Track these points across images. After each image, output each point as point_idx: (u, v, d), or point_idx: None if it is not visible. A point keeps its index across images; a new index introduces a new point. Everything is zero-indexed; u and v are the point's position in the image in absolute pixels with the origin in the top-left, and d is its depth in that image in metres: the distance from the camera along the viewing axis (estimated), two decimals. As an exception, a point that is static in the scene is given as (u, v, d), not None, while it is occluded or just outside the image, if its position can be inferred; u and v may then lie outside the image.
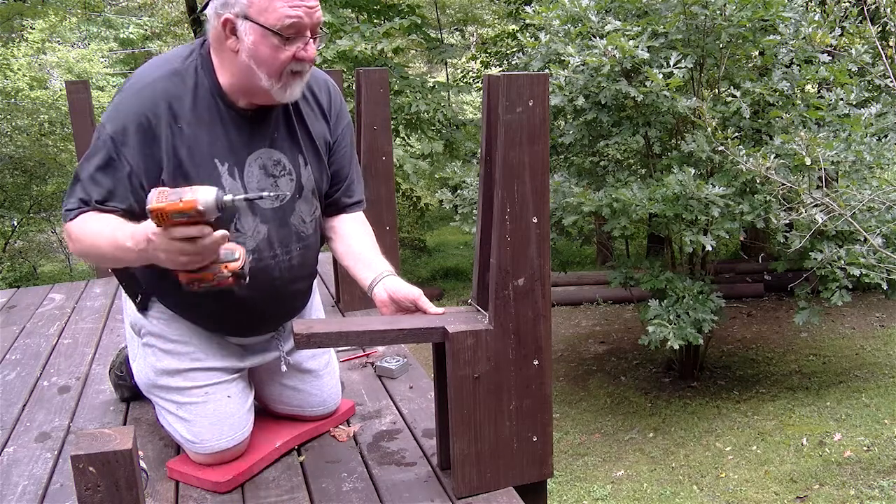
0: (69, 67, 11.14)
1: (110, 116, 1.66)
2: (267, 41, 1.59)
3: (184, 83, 1.67)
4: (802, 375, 5.74)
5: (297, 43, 1.62)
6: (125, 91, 1.68)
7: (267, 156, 1.76)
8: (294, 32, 1.60)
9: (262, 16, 1.57)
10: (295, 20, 1.58)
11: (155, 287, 1.83)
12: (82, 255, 1.72)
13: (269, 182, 1.76)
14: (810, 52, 4.69)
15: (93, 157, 1.65)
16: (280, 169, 1.78)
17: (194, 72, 1.69)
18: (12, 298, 3.66)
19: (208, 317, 1.84)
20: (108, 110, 1.67)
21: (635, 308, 6.45)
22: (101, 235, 1.63)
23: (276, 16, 1.57)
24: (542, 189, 1.67)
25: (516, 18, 9.61)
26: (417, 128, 9.09)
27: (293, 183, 1.80)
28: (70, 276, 11.32)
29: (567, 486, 4.51)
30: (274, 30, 1.58)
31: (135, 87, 1.68)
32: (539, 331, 1.73)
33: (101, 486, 1.05)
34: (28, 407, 2.35)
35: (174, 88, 1.66)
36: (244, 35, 1.60)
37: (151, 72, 1.69)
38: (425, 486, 1.80)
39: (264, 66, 1.62)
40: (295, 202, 1.82)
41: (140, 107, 1.63)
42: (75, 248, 1.69)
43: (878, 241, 4.15)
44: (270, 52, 1.60)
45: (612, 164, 5.63)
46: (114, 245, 1.60)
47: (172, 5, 15.22)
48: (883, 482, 3.98)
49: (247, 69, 1.64)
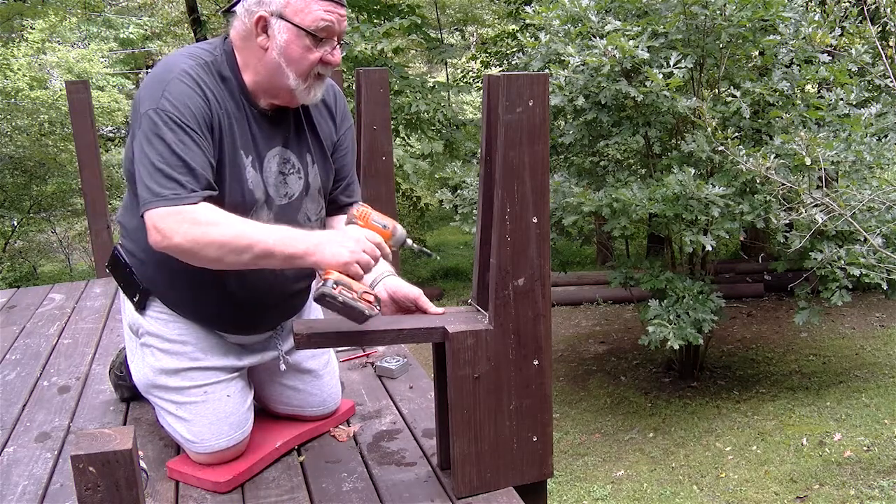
0: (69, 67, 11.15)
1: (165, 101, 1.61)
2: (300, 41, 1.66)
3: (214, 75, 1.70)
4: (802, 375, 5.74)
5: (326, 46, 1.69)
6: (164, 78, 1.64)
7: (281, 154, 1.80)
8: (326, 35, 1.67)
9: (298, 16, 1.64)
10: (329, 24, 1.66)
11: (156, 284, 1.83)
12: (203, 243, 1.56)
13: (280, 179, 1.80)
14: (810, 52, 4.69)
15: (166, 139, 1.59)
16: (290, 167, 1.82)
17: (222, 67, 1.71)
18: (12, 298, 3.67)
19: (208, 315, 1.85)
20: (152, 96, 1.62)
21: (635, 308, 6.45)
22: (243, 221, 1.61)
23: (312, 17, 1.64)
24: (542, 189, 1.67)
25: (516, 18, 9.61)
26: (417, 128, 9.09)
27: (301, 181, 1.84)
28: (70, 276, 11.32)
29: (567, 486, 4.51)
30: (309, 30, 1.65)
31: (173, 73, 1.64)
32: (539, 331, 1.73)
33: (101, 486, 1.05)
34: (28, 407, 2.35)
35: (209, 79, 1.68)
36: (277, 33, 1.66)
37: (185, 60, 1.68)
38: (425, 486, 1.80)
39: (293, 65, 1.67)
40: (302, 200, 1.85)
41: (191, 92, 1.64)
42: (200, 233, 1.55)
43: (878, 241, 4.15)
44: (301, 52, 1.67)
45: (612, 164, 5.63)
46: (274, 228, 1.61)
47: (172, 5, 15.22)
48: (883, 482, 3.98)
49: (275, 67, 1.68)
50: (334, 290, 1.58)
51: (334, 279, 1.59)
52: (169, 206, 1.56)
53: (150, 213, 1.57)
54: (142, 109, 1.62)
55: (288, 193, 1.82)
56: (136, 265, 1.86)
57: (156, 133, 1.59)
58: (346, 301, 1.58)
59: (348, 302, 1.59)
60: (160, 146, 1.59)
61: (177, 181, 1.57)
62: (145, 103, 1.62)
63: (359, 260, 1.62)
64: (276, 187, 1.79)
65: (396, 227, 1.75)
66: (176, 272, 1.75)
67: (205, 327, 1.87)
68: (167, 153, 1.59)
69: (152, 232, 1.57)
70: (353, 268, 1.61)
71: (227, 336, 1.90)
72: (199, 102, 1.64)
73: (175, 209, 1.56)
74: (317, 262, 1.61)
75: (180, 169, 1.58)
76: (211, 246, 1.56)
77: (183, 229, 1.55)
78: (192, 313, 1.85)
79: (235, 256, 1.58)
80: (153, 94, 1.62)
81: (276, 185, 1.79)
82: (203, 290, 1.79)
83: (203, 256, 1.57)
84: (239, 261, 1.59)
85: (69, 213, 11.38)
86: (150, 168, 1.58)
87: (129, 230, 1.86)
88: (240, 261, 1.59)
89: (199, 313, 1.85)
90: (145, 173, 1.59)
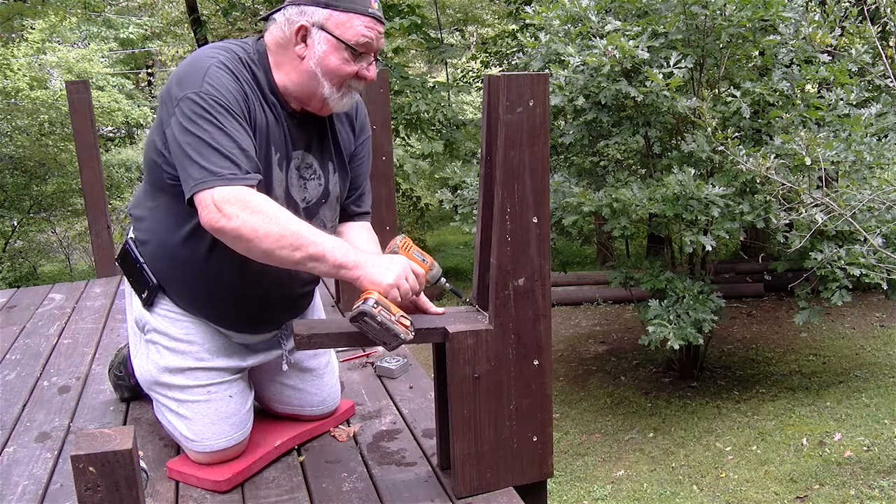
0: (69, 67, 11.15)
1: (208, 85, 1.59)
2: (339, 54, 1.68)
3: (248, 71, 1.70)
4: (802, 375, 5.74)
5: (363, 62, 1.72)
6: (203, 65, 1.62)
7: (302, 158, 1.81)
8: (364, 51, 1.70)
9: (339, 29, 1.67)
10: (368, 40, 1.69)
11: (168, 278, 1.83)
12: (261, 234, 1.54)
13: (301, 183, 1.81)
14: (810, 52, 4.69)
15: (215, 120, 1.57)
16: (311, 172, 1.83)
17: (255, 64, 1.72)
18: (12, 298, 3.67)
19: (217, 312, 1.85)
20: (193, 81, 1.60)
21: (635, 308, 6.45)
22: (298, 219, 1.60)
23: (354, 32, 1.67)
24: (542, 189, 1.67)
25: (516, 18, 9.61)
26: (417, 128, 9.09)
27: (321, 188, 1.85)
28: (70, 276, 11.32)
29: (567, 486, 4.51)
30: (349, 44, 1.68)
31: (210, 62, 1.63)
32: (539, 331, 1.73)
33: (101, 486, 1.05)
34: (28, 407, 2.35)
35: (245, 72, 1.69)
36: (316, 44, 1.68)
37: (220, 53, 1.68)
38: (425, 486, 1.80)
39: (329, 76, 1.69)
40: (320, 206, 1.86)
41: (231, 79, 1.64)
42: (260, 223, 1.53)
43: (878, 241, 4.15)
44: (339, 64, 1.69)
45: (612, 164, 5.64)
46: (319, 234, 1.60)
47: (172, 5, 15.21)
48: (883, 482, 3.98)
49: (311, 76, 1.70)
50: (374, 309, 1.55)
51: (375, 299, 1.57)
52: (229, 187, 1.54)
53: (208, 192, 1.54)
54: (179, 94, 1.60)
55: (306, 198, 1.82)
56: (148, 258, 1.85)
57: (202, 115, 1.57)
58: (384, 321, 1.56)
59: (386, 323, 1.56)
60: (209, 127, 1.57)
61: (232, 161, 1.56)
62: (184, 88, 1.60)
63: (400, 286, 1.62)
64: (297, 189, 1.80)
65: (434, 264, 1.77)
66: (191, 267, 1.76)
67: (211, 326, 1.87)
68: (218, 133, 1.57)
69: (209, 210, 1.54)
70: (394, 291, 1.61)
71: (232, 336, 1.90)
72: (240, 90, 1.64)
73: (237, 193, 1.54)
74: (360, 277, 1.61)
75: (234, 149, 1.57)
76: (268, 238, 1.54)
77: (244, 215, 1.53)
78: (202, 310, 1.85)
79: (288, 253, 1.56)
80: (193, 79, 1.61)
81: (297, 187, 1.80)
82: (216, 286, 1.79)
83: (255, 246, 1.55)
84: (289, 258, 1.57)
85: (69, 213, 11.39)
86: (201, 147, 1.56)
87: (143, 221, 1.85)
88: (290, 258, 1.57)
89: (209, 310, 1.85)
90: (195, 153, 1.56)
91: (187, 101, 1.58)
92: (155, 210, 1.80)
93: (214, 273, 1.76)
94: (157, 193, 1.78)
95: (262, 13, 9.51)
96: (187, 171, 1.57)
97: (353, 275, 1.61)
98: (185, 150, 1.57)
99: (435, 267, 1.77)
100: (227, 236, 1.56)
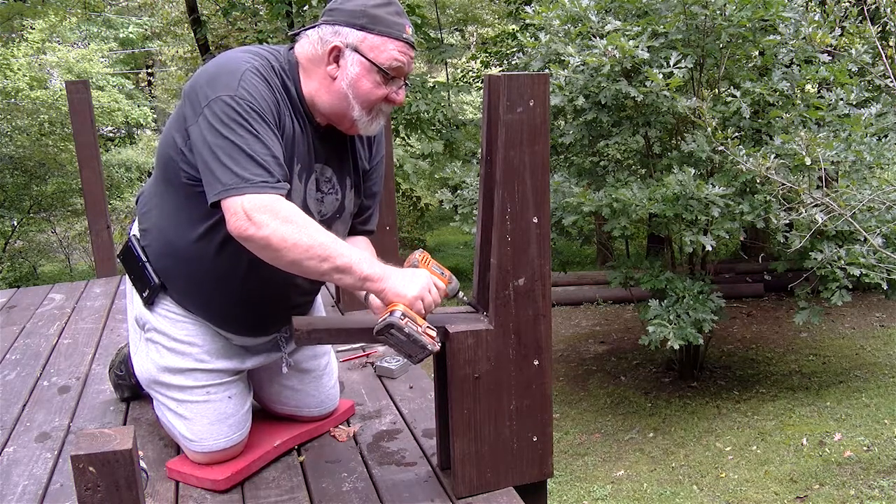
0: (69, 67, 11.16)
1: (242, 90, 1.58)
2: (371, 77, 1.68)
3: (279, 80, 1.69)
4: (802, 375, 5.74)
5: (394, 85, 1.72)
6: (237, 69, 1.61)
7: (321, 172, 1.81)
8: (396, 74, 1.70)
9: (373, 52, 1.67)
10: (401, 64, 1.69)
11: (172, 277, 1.82)
12: (290, 243, 1.53)
13: (318, 197, 1.80)
14: (810, 52, 4.69)
15: (249, 126, 1.56)
16: (329, 187, 1.83)
17: (286, 75, 1.71)
18: (12, 298, 3.66)
19: (220, 314, 1.85)
20: (227, 83, 1.58)
21: (635, 308, 6.45)
22: (326, 231, 1.59)
23: (387, 56, 1.67)
24: (542, 189, 1.67)
25: (516, 18, 9.61)
26: (417, 128, 9.09)
27: (338, 203, 1.85)
28: (70, 276, 11.33)
29: (567, 486, 4.51)
30: (381, 67, 1.67)
31: (244, 66, 1.62)
32: (539, 331, 1.73)
33: (101, 486, 1.05)
34: (28, 407, 2.35)
35: (277, 81, 1.68)
36: (349, 65, 1.67)
37: (253, 59, 1.67)
38: (425, 486, 1.80)
39: (360, 98, 1.69)
40: (335, 221, 1.86)
41: (266, 87, 1.63)
42: (290, 233, 1.53)
43: (878, 241, 4.15)
44: (370, 87, 1.69)
45: (612, 164, 5.63)
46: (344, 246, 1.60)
47: (172, 5, 15.20)
48: (883, 482, 3.98)
49: (342, 97, 1.69)
50: (402, 321, 1.55)
51: (402, 311, 1.57)
52: (261, 194, 1.53)
53: (238, 199, 1.52)
54: (211, 94, 1.58)
55: (322, 212, 1.82)
56: (153, 256, 1.83)
57: (236, 119, 1.56)
58: (411, 333, 1.56)
59: (413, 335, 1.56)
60: (243, 132, 1.56)
61: (265, 168, 1.55)
62: (217, 89, 1.58)
63: (424, 298, 1.63)
64: (314, 202, 1.79)
65: (452, 278, 1.79)
66: (198, 266, 1.76)
67: (212, 328, 1.87)
68: (252, 139, 1.56)
69: (238, 217, 1.52)
70: (418, 304, 1.62)
71: (232, 338, 1.90)
72: (273, 98, 1.64)
73: (269, 202, 1.53)
74: (385, 290, 1.61)
75: (267, 156, 1.57)
76: (297, 248, 1.53)
77: (274, 224, 1.52)
78: (203, 310, 1.84)
79: (315, 264, 1.55)
80: (227, 81, 1.59)
81: (314, 200, 1.79)
82: (222, 287, 1.78)
83: (283, 256, 1.54)
84: (316, 269, 1.56)
85: (69, 213, 11.40)
86: (233, 151, 1.54)
87: (150, 217, 1.83)
88: (317, 269, 1.56)
89: (211, 311, 1.84)
90: (226, 157, 1.54)
91: (220, 103, 1.56)
92: (164, 207, 1.79)
93: (221, 274, 1.75)
94: (168, 190, 1.76)
95: (261, 13, 9.51)
96: (215, 174, 1.55)
97: (378, 287, 1.61)
98: (214, 153, 1.55)
99: (453, 280, 1.80)
100: (255, 244, 1.55)
